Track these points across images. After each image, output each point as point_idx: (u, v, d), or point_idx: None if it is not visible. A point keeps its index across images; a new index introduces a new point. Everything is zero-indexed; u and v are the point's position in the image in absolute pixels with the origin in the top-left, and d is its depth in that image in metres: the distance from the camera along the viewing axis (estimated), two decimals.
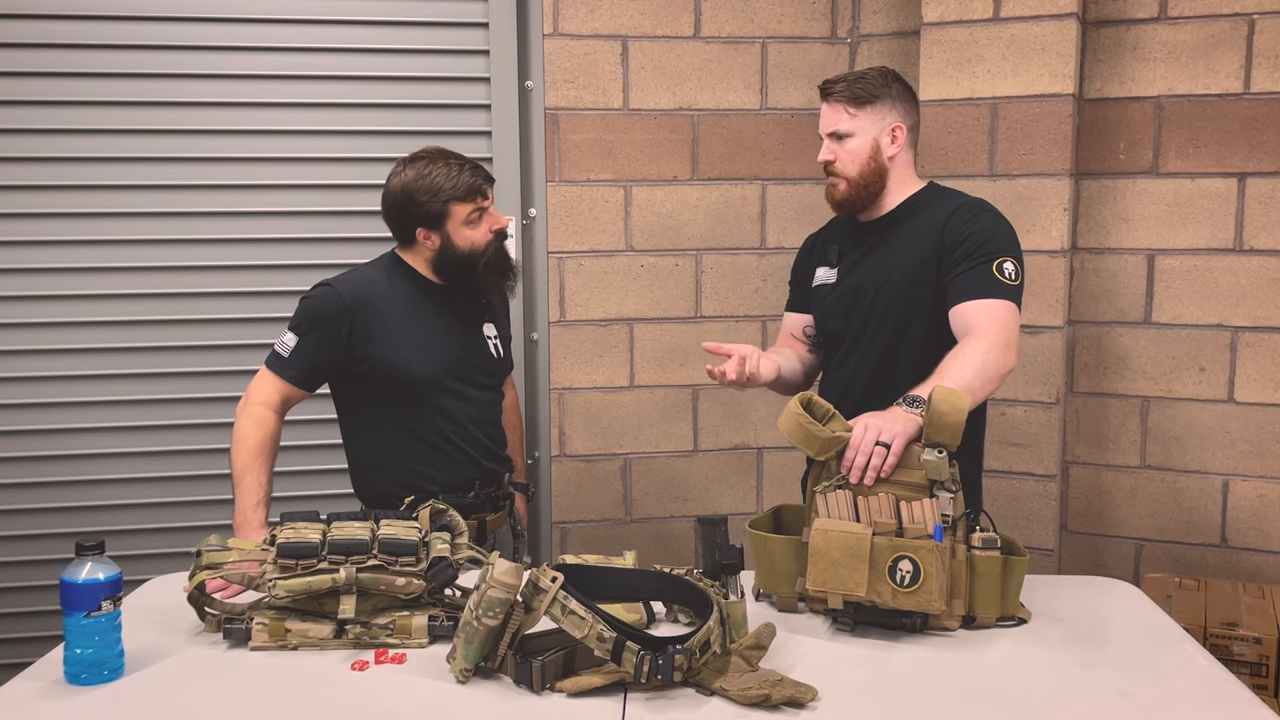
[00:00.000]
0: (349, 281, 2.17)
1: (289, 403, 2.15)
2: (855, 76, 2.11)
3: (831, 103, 2.10)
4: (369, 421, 2.21)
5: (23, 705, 1.47)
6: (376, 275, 2.20)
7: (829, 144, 2.12)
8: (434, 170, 2.13)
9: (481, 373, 2.27)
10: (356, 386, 2.18)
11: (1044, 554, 2.86)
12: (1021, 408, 2.85)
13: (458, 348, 2.22)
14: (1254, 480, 2.82)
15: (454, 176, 2.12)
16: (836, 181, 2.12)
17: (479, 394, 2.25)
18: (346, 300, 2.11)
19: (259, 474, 2.06)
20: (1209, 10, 2.76)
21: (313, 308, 2.13)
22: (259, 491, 2.05)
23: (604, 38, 3.03)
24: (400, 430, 2.18)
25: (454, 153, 2.19)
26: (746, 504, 3.22)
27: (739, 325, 3.15)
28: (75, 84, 2.83)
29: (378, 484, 2.21)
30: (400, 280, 2.20)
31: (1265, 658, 2.40)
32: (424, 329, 2.17)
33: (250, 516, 2.03)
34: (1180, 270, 2.84)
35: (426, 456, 2.18)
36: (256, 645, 1.64)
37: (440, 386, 2.17)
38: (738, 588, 1.67)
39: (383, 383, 2.14)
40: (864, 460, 1.68)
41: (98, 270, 2.89)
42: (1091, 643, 1.66)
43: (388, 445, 2.19)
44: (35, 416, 2.89)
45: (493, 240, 2.18)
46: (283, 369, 2.12)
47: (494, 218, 2.19)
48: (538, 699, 1.46)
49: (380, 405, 2.18)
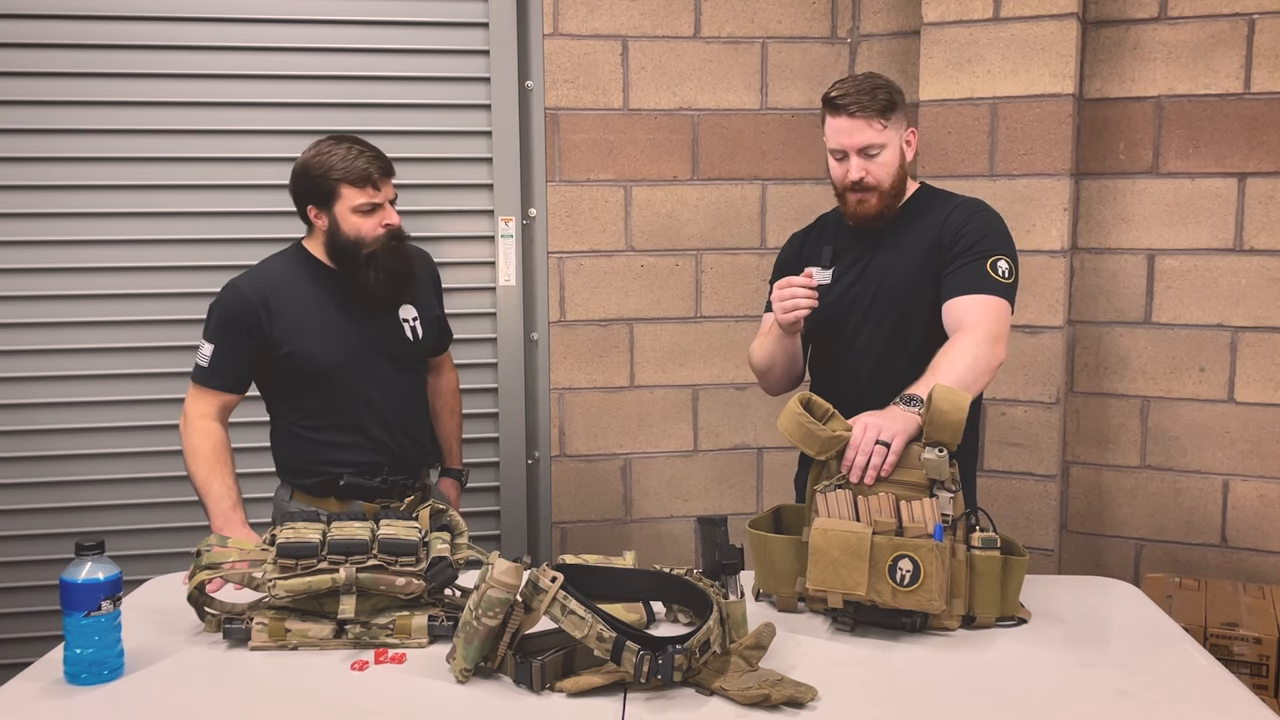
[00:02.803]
0: (253, 278, 2.18)
1: (226, 409, 2.17)
2: (870, 86, 2.04)
3: (859, 118, 2.02)
4: (282, 402, 2.24)
5: (23, 705, 1.47)
6: (281, 267, 2.22)
7: (859, 161, 2.04)
8: (333, 150, 2.13)
9: (393, 357, 2.25)
10: (270, 373, 2.20)
11: (1044, 554, 2.86)
12: (1021, 408, 2.85)
13: (364, 334, 2.20)
14: (1254, 480, 2.82)
15: (348, 160, 2.11)
16: (867, 196, 2.06)
17: (392, 377, 2.24)
18: (251, 298, 2.13)
19: (223, 479, 2.09)
20: (1209, 10, 2.76)
21: (221, 311, 2.15)
22: (229, 495, 2.07)
23: (604, 38, 3.03)
24: (310, 413, 2.20)
25: (361, 140, 2.18)
26: (746, 504, 3.22)
27: (739, 325, 3.15)
28: (75, 84, 2.83)
29: (290, 460, 2.24)
30: (303, 269, 2.21)
31: (1265, 658, 2.40)
32: (328, 317, 2.17)
33: (230, 518, 2.05)
34: (1180, 270, 2.84)
35: (335, 440, 2.19)
36: (256, 645, 1.64)
37: (346, 373, 2.18)
38: (738, 588, 1.67)
39: (291, 371, 2.16)
40: (864, 459, 1.68)
41: (98, 270, 2.89)
42: (1091, 643, 1.66)
43: (299, 426, 2.21)
44: (35, 416, 2.89)
45: (382, 236, 2.15)
46: (208, 379, 2.15)
47: (387, 214, 2.17)
48: (537, 699, 1.46)
49: (292, 390, 2.20)
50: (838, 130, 2.05)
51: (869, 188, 2.06)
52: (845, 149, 2.05)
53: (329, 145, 2.15)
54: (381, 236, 2.15)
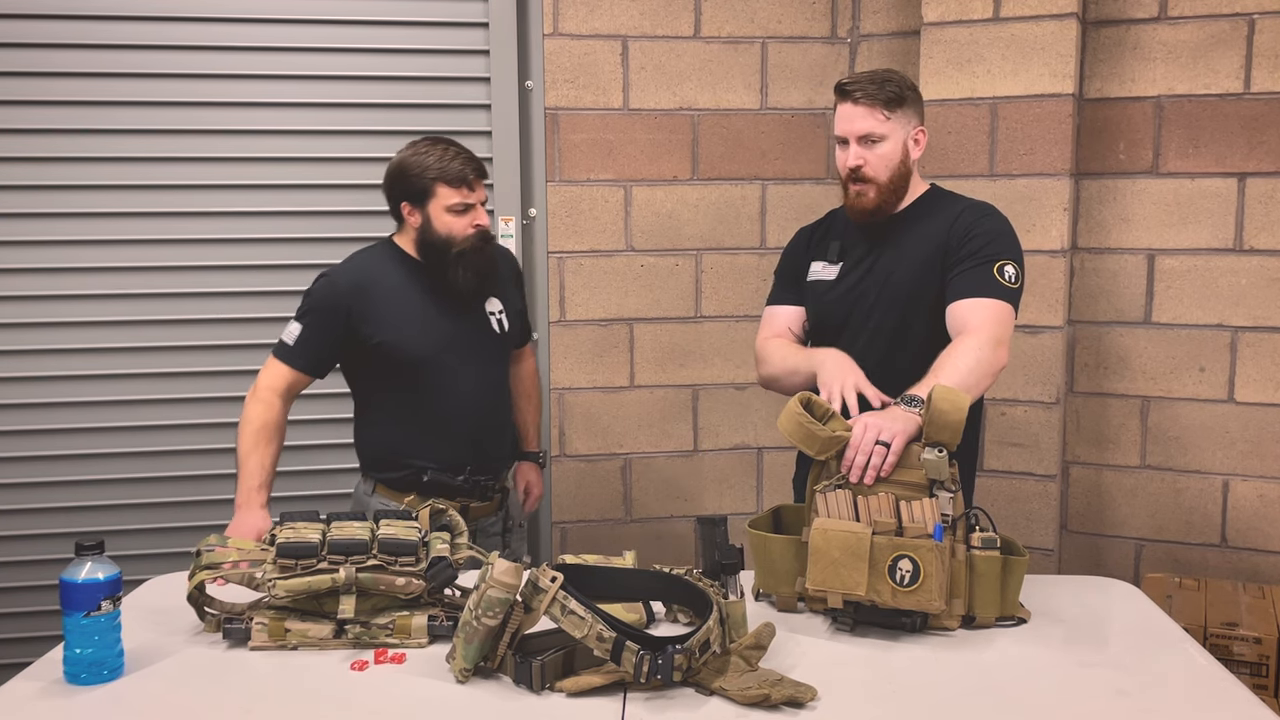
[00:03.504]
0: (346, 270, 2.26)
1: (295, 388, 2.24)
2: (882, 78, 2.05)
3: (862, 105, 2.02)
4: (372, 395, 2.30)
5: (23, 705, 1.47)
6: (372, 261, 2.28)
7: (857, 149, 2.04)
8: (430, 150, 2.21)
9: (481, 349, 2.31)
10: (361, 365, 2.27)
11: (1044, 554, 2.86)
12: (1021, 408, 2.85)
13: (453, 326, 2.26)
14: (1254, 480, 2.82)
15: (445, 160, 2.19)
16: (865, 189, 2.06)
17: (479, 369, 2.30)
18: (343, 288, 2.21)
19: (263, 456, 2.14)
20: (1209, 10, 2.76)
21: (315, 298, 2.23)
22: (261, 474, 2.12)
23: (604, 38, 3.03)
24: (398, 405, 2.25)
25: (456, 143, 2.25)
26: (746, 504, 3.22)
27: (739, 325, 3.15)
28: (75, 84, 2.83)
29: (375, 454, 2.30)
30: (393, 263, 2.27)
31: (1265, 658, 2.40)
32: (419, 309, 2.24)
33: (252, 497, 2.09)
34: (1180, 270, 2.84)
35: (421, 434, 2.25)
36: (256, 645, 1.64)
37: (436, 364, 2.23)
38: (737, 588, 1.67)
39: (383, 362, 2.22)
40: (864, 459, 1.68)
41: (98, 270, 2.89)
42: (1091, 643, 1.66)
43: (386, 419, 2.27)
44: (35, 416, 2.89)
45: (472, 236, 2.21)
46: (288, 357, 2.22)
47: (478, 214, 2.22)
48: (537, 699, 1.46)
49: (382, 382, 2.26)
50: (842, 116, 2.07)
51: (866, 179, 2.06)
52: (846, 135, 2.06)
53: (426, 145, 2.22)
54: (471, 236, 2.21)
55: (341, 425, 2.93)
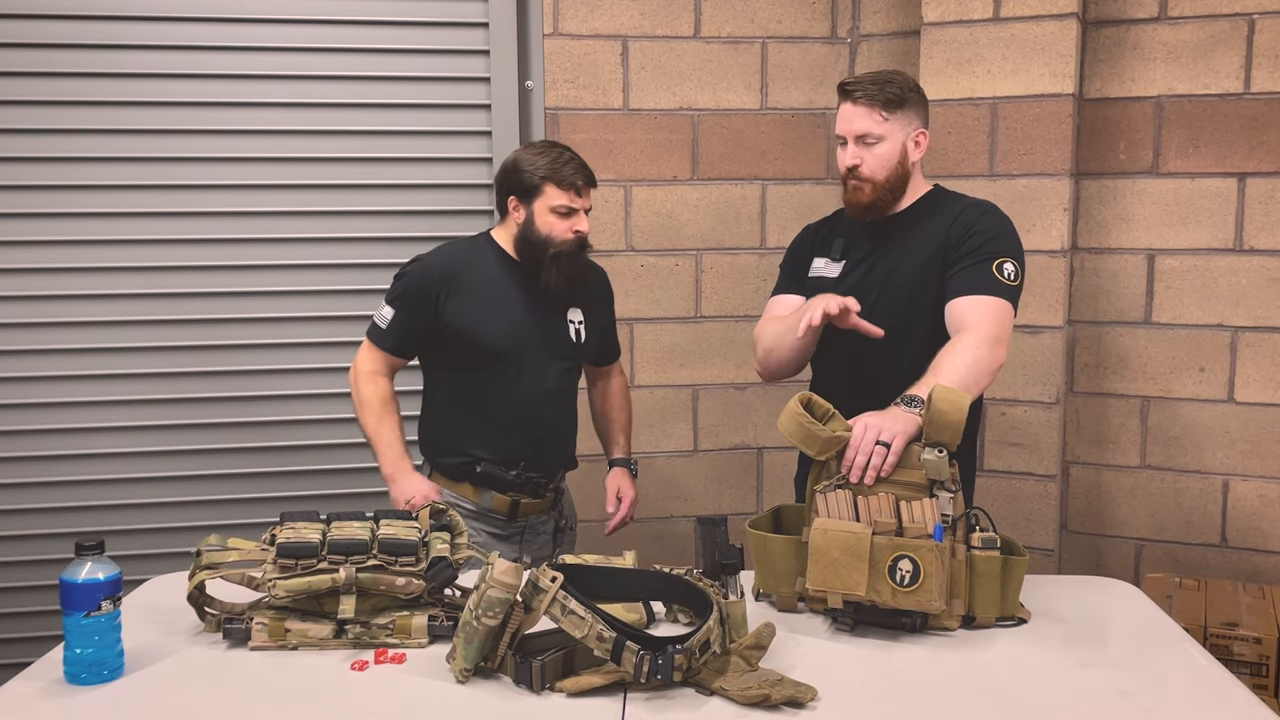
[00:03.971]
0: (439, 257, 2.32)
1: (392, 368, 2.33)
2: (884, 79, 2.06)
3: (861, 105, 2.04)
4: (440, 380, 2.36)
5: (23, 705, 1.47)
6: (467, 250, 2.34)
7: (855, 148, 2.06)
8: (546, 151, 2.27)
9: (555, 352, 2.34)
10: (435, 349, 2.32)
11: (1044, 554, 2.86)
12: (1021, 408, 2.85)
13: (532, 325, 2.30)
14: (1254, 480, 2.82)
15: (558, 163, 2.24)
16: (861, 185, 2.07)
17: (548, 369, 2.32)
18: (435, 274, 2.27)
19: (392, 428, 2.27)
20: (1209, 10, 2.76)
21: (406, 283, 2.29)
22: (398, 443, 2.26)
23: (604, 38, 3.03)
24: (464, 394, 2.30)
25: (572, 150, 2.30)
26: (746, 504, 3.22)
27: (739, 325, 3.15)
28: (75, 84, 2.83)
29: (436, 438, 2.36)
30: (489, 255, 2.32)
31: (1265, 658, 2.40)
32: (501, 303, 2.28)
33: (400, 464, 2.24)
34: (1180, 270, 2.84)
35: (481, 424, 2.29)
36: (256, 645, 1.64)
37: (508, 356, 2.27)
38: (737, 588, 1.67)
39: (457, 347, 2.27)
40: (864, 459, 1.68)
41: (98, 270, 2.88)
42: (1091, 643, 1.66)
43: (451, 405, 2.33)
44: (35, 416, 2.89)
45: (571, 240, 2.25)
46: (380, 340, 2.30)
47: (580, 221, 2.26)
48: (537, 699, 1.46)
49: (452, 368, 2.32)
50: (841, 116, 2.09)
51: (863, 178, 2.07)
52: (845, 135, 2.08)
53: (542, 146, 2.29)
54: (570, 241, 2.25)
55: (341, 425, 2.94)
